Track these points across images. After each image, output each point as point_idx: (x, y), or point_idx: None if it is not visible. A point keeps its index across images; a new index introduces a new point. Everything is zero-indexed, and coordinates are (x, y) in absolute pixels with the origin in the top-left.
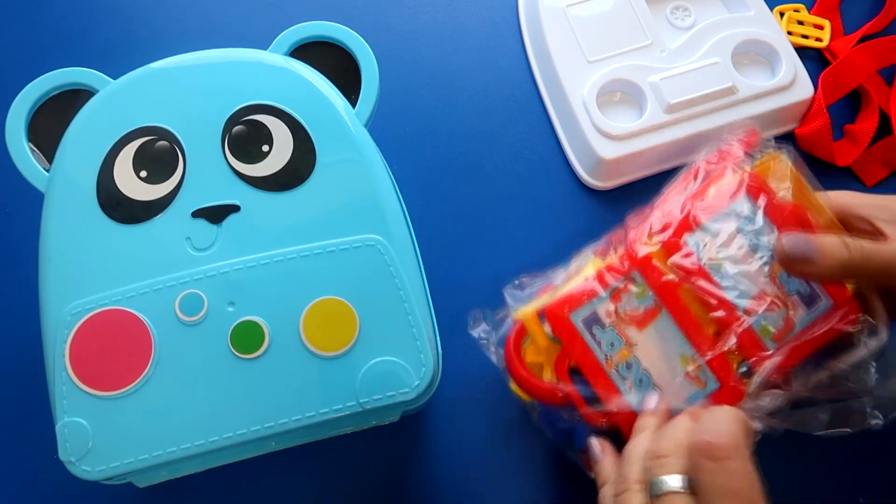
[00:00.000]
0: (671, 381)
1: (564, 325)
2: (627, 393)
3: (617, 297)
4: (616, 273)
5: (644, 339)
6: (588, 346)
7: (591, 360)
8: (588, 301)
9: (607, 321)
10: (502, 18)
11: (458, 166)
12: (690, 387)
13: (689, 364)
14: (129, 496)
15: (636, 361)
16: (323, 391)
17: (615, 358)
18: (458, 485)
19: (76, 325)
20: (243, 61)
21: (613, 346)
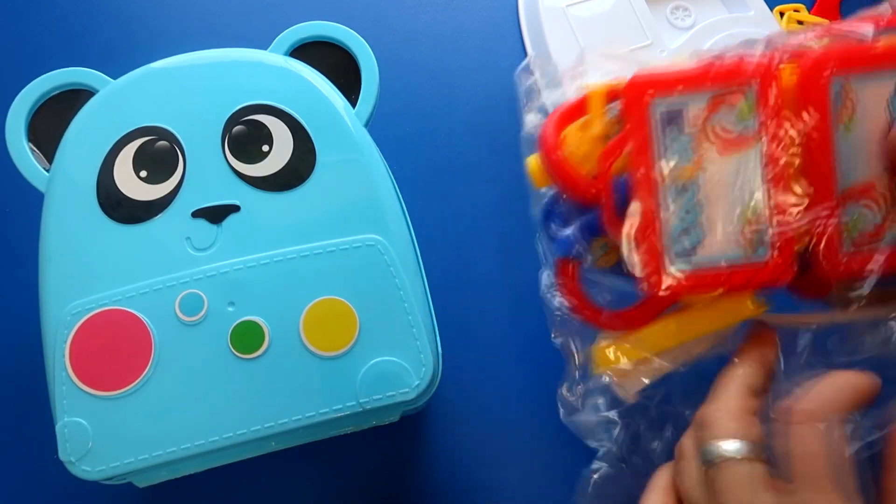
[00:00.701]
0: (719, 228)
1: (640, 109)
2: (666, 217)
3: (716, 106)
4: (732, 77)
5: (718, 167)
6: (652, 144)
7: (647, 160)
8: (682, 93)
9: (689, 127)
10: (502, 18)
11: (458, 166)
12: (735, 246)
13: (749, 224)
14: (129, 496)
15: (695, 188)
16: (323, 391)
17: (675, 172)
18: (458, 485)
19: (76, 325)
20: (243, 61)
21: (680, 159)
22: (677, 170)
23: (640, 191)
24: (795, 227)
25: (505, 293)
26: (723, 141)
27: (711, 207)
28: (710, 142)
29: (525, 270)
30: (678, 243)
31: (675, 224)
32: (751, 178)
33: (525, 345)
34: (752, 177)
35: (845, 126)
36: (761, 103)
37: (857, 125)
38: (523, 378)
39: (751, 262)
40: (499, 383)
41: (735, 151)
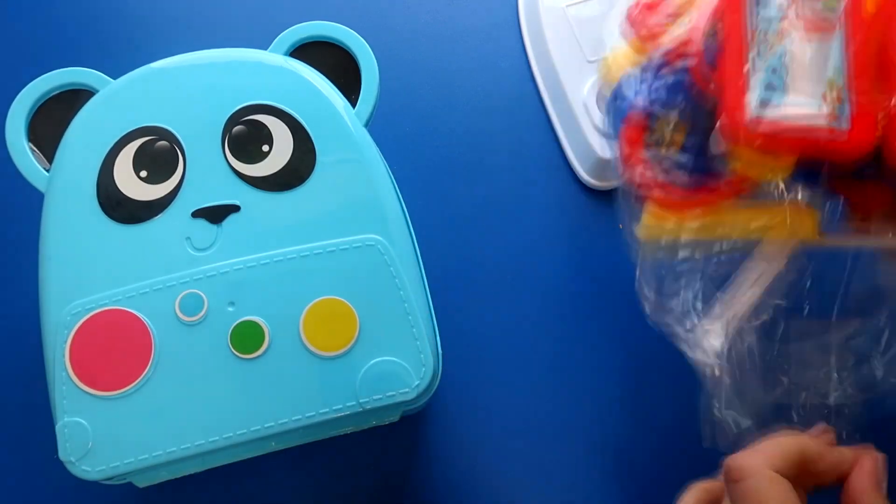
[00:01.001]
0: (804, 89)
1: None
2: (752, 74)
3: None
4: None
5: (803, 44)
6: (744, 5)
7: (739, 19)
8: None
9: (779, 7)
10: (502, 18)
11: (458, 166)
12: (820, 108)
13: (833, 91)
14: (129, 496)
15: (783, 50)
16: (323, 391)
17: (764, 36)
18: (458, 485)
19: (76, 325)
20: (243, 61)
21: (770, 25)
22: (767, 34)
23: (732, 40)
24: (876, 101)
25: (505, 293)
26: (809, 22)
27: (796, 73)
28: (798, 19)
29: (525, 270)
30: (764, 93)
31: (762, 77)
32: (835, 58)
33: (525, 344)
34: (835, 57)
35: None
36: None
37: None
38: (523, 378)
39: (833, 128)
40: (499, 383)
41: (820, 33)
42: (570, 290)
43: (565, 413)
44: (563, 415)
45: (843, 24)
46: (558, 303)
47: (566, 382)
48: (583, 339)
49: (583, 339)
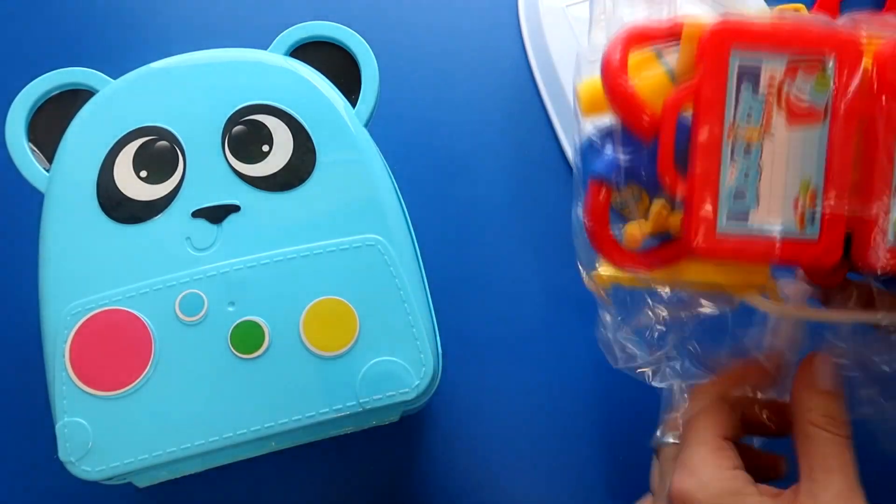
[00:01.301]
0: (775, 196)
1: (719, 58)
2: (725, 174)
3: (793, 72)
4: (814, 46)
5: (784, 136)
6: (724, 97)
7: (717, 112)
8: (764, 49)
9: (765, 88)
10: (502, 18)
11: (459, 166)
12: (789, 218)
13: (806, 195)
14: (129, 496)
15: (758, 151)
16: (323, 391)
17: (742, 132)
18: (459, 485)
19: (76, 325)
20: (243, 61)
21: (749, 119)
22: (744, 129)
23: (704, 141)
24: (849, 211)
25: (505, 293)
26: (793, 111)
27: (770, 175)
28: (781, 108)
29: (526, 270)
30: (733, 205)
31: (732, 185)
32: (815, 153)
33: (525, 344)
34: (815, 153)
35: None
36: (839, 80)
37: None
38: (523, 378)
39: (801, 239)
40: (499, 383)
41: (803, 124)
42: (570, 290)
43: (565, 413)
44: (564, 414)
45: (831, 113)
46: (558, 303)
47: (566, 382)
48: (583, 338)
49: (583, 339)
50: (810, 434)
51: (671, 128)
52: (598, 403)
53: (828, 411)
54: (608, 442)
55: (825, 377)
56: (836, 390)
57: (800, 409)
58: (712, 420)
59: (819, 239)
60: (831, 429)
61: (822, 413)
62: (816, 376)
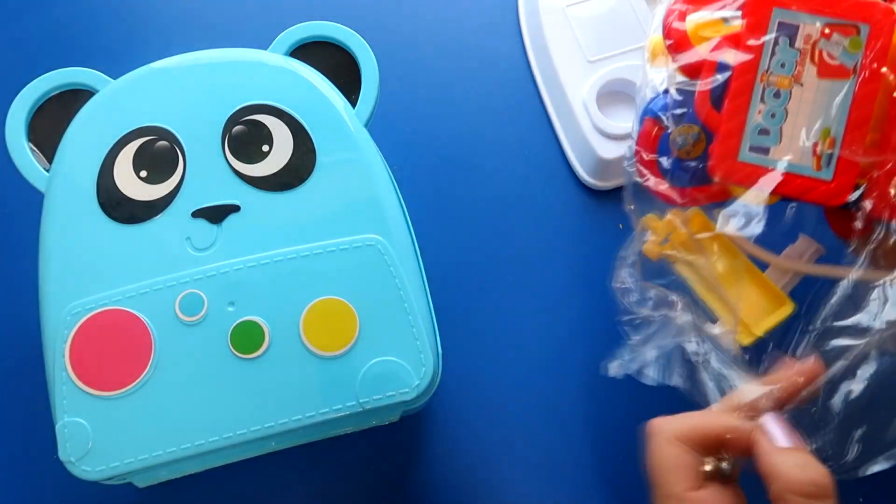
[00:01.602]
0: (797, 137)
1: (762, 12)
2: (753, 112)
3: (830, 33)
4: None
5: (814, 86)
6: (762, 42)
7: (753, 60)
8: (804, 10)
9: (801, 43)
10: (502, 18)
11: (458, 166)
12: (807, 157)
13: (825, 141)
14: (129, 496)
15: (787, 96)
16: (323, 391)
17: (773, 78)
18: (459, 485)
19: (76, 325)
20: (243, 61)
21: (783, 67)
22: (776, 76)
23: (738, 82)
24: (863, 159)
25: (505, 292)
26: (825, 65)
27: (795, 118)
28: (814, 62)
29: (525, 270)
30: (756, 139)
31: (759, 122)
32: (839, 105)
33: (525, 344)
34: (840, 104)
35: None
36: (870, 45)
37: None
38: (523, 377)
39: (815, 177)
40: (499, 383)
41: (832, 78)
42: (570, 290)
43: (565, 413)
44: (563, 414)
45: (859, 72)
46: (558, 302)
47: (566, 382)
48: (583, 338)
49: (583, 339)
50: None
51: (711, 67)
52: (598, 404)
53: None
54: (607, 442)
55: (785, 436)
56: (803, 445)
57: (775, 479)
58: (677, 470)
59: (833, 179)
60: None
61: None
62: (775, 439)
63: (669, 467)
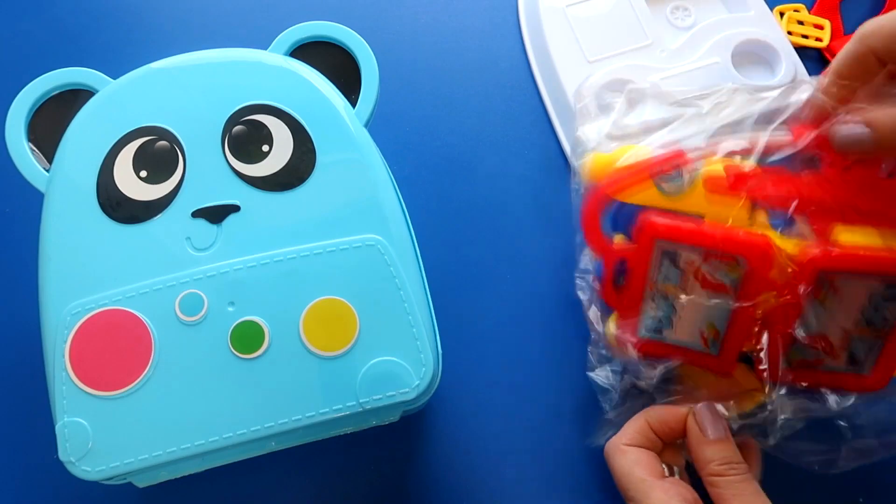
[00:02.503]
0: (686, 326)
1: (646, 242)
2: (646, 312)
3: (708, 258)
4: (732, 247)
5: (698, 294)
6: (650, 265)
7: (642, 273)
8: (684, 243)
9: (683, 265)
10: (502, 18)
11: (458, 166)
12: (696, 340)
13: (710, 331)
14: (129, 496)
15: (673, 300)
16: (323, 391)
17: (661, 286)
18: (459, 485)
19: (76, 325)
20: (243, 61)
21: (668, 279)
22: (663, 286)
23: (630, 294)
24: (745, 348)
25: (505, 293)
26: (706, 282)
27: (684, 315)
28: (697, 279)
29: (525, 270)
30: (650, 326)
31: (652, 315)
32: (722, 310)
33: (525, 344)
34: (722, 310)
35: (824, 301)
36: (747, 279)
37: (834, 300)
38: (523, 378)
39: (704, 353)
40: (499, 383)
41: (714, 291)
42: (570, 290)
43: (565, 413)
44: (563, 414)
45: (737, 296)
46: (558, 302)
47: (566, 382)
48: (583, 338)
49: (583, 339)
50: (715, 483)
51: (611, 268)
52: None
53: (724, 457)
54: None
55: (712, 427)
56: (724, 435)
57: (701, 464)
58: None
59: (718, 356)
60: (733, 472)
61: (720, 462)
62: (704, 429)
63: (630, 466)
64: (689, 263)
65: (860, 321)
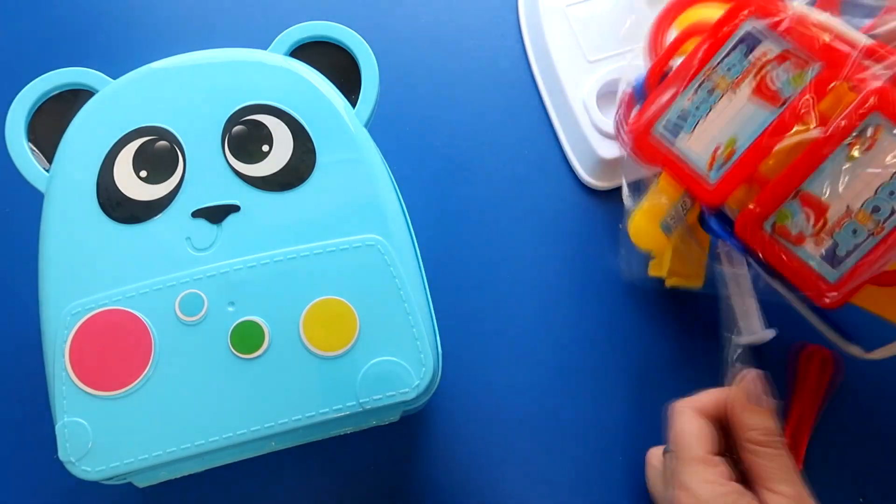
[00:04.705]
0: (706, 134)
1: (734, 18)
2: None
3: (784, 58)
4: (809, 49)
5: (743, 100)
6: (720, 45)
7: (706, 54)
8: (771, 29)
9: (753, 58)
10: (502, 18)
11: (458, 166)
12: (705, 156)
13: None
14: (129, 496)
15: (717, 97)
16: (323, 391)
17: (715, 76)
18: (459, 485)
19: (76, 325)
20: (243, 61)
21: (728, 70)
22: (719, 76)
23: (682, 68)
24: (747, 184)
25: (505, 293)
26: (763, 87)
27: (714, 117)
28: (755, 79)
29: (525, 269)
30: (674, 120)
31: (684, 107)
32: (755, 125)
33: (525, 344)
34: (756, 126)
35: (852, 152)
36: (810, 86)
37: (861, 159)
38: (523, 378)
39: (701, 176)
40: (499, 383)
41: (762, 100)
42: (570, 290)
43: (565, 413)
44: (564, 415)
45: (787, 106)
46: (558, 302)
47: (566, 382)
48: (583, 338)
49: (583, 339)
50: (753, 451)
51: (670, 53)
52: (598, 404)
53: (765, 428)
54: (607, 442)
55: (758, 395)
56: (769, 405)
57: (740, 429)
58: (698, 436)
59: (714, 186)
60: (771, 444)
61: (760, 431)
62: (750, 395)
63: (693, 434)
64: (760, 57)
65: (869, 203)
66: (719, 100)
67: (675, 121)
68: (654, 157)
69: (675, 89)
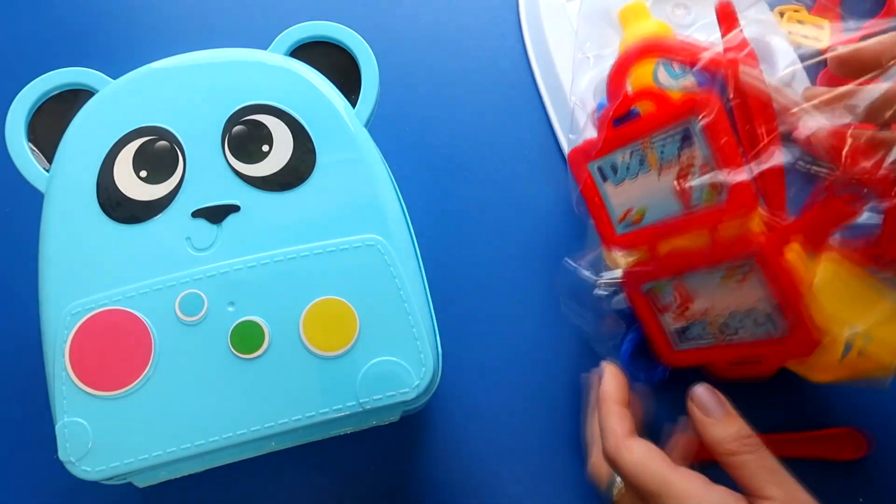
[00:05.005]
0: (623, 193)
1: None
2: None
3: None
4: None
5: (666, 185)
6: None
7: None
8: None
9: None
10: (502, 18)
11: (459, 166)
12: (619, 209)
13: (637, 214)
14: (129, 496)
15: (645, 170)
16: (323, 391)
17: (648, 151)
18: (459, 484)
19: (76, 325)
20: (243, 61)
21: (661, 153)
22: (651, 151)
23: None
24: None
25: (505, 293)
26: (681, 185)
27: (636, 185)
28: (678, 175)
29: (525, 270)
30: (605, 168)
31: (617, 162)
32: (663, 212)
33: (525, 344)
34: (664, 212)
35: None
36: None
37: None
38: (523, 378)
39: (612, 224)
40: (499, 383)
41: (677, 196)
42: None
43: (565, 413)
44: (564, 415)
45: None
46: (558, 303)
47: (566, 382)
48: (583, 338)
49: (583, 339)
50: (733, 463)
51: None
52: None
53: (733, 434)
54: None
55: (714, 407)
56: (730, 411)
57: (713, 445)
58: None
59: (619, 237)
60: (746, 448)
61: (732, 439)
62: (705, 410)
63: (640, 461)
64: (689, 157)
65: (722, 318)
66: (647, 173)
67: (607, 169)
68: (585, 187)
69: (611, 146)
